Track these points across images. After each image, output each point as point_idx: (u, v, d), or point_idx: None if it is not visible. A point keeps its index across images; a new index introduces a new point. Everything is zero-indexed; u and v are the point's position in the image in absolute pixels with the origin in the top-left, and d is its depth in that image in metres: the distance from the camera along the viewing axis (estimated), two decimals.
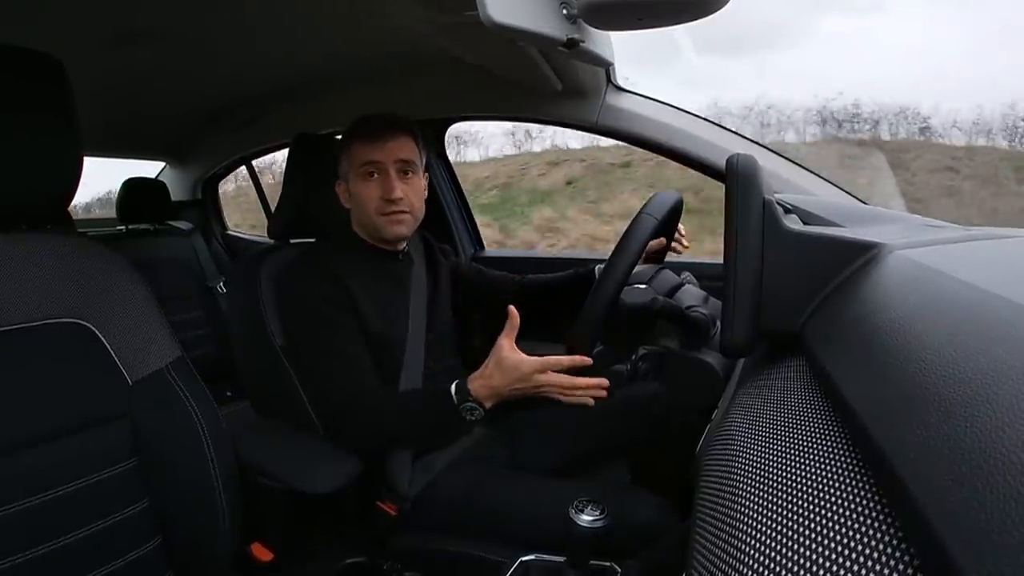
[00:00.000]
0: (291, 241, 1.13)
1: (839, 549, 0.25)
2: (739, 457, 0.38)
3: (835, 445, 0.31)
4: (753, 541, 0.30)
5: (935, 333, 0.29)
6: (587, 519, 0.66)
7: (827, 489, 0.28)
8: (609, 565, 0.75)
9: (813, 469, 0.31)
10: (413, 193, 0.98)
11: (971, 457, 0.20)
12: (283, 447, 0.91)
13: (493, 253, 1.69)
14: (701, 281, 1.00)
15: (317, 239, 1.10)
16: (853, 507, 0.26)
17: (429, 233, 1.18)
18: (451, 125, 1.58)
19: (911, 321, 0.31)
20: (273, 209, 1.21)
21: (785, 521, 0.29)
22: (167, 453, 0.70)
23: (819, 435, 0.33)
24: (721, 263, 0.52)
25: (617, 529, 0.67)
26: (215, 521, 0.72)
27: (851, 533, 0.25)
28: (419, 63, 1.27)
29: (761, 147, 1.13)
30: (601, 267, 0.99)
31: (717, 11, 0.60)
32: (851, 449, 0.30)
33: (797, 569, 0.26)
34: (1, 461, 0.60)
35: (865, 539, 0.24)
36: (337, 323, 0.92)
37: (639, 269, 0.89)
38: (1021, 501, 0.17)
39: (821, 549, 0.25)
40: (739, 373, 0.65)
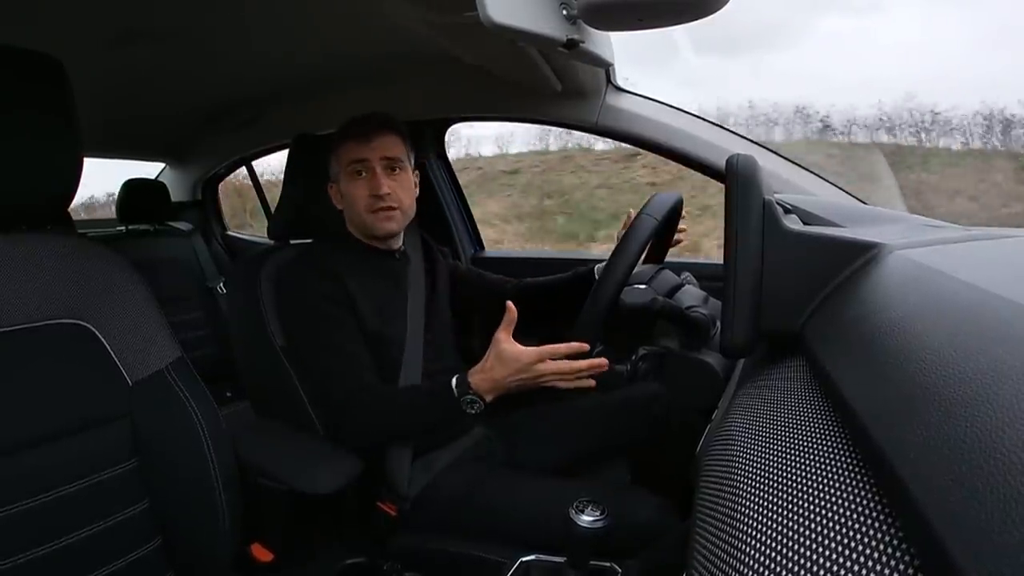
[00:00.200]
0: (291, 242, 1.13)
1: (839, 549, 0.25)
2: (739, 457, 0.38)
3: (835, 445, 0.31)
4: (753, 541, 0.30)
5: (935, 333, 0.29)
6: (587, 519, 0.66)
7: (827, 489, 0.28)
8: (609, 565, 0.75)
9: (813, 469, 0.31)
10: (401, 189, 0.98)
11: (971, 457, 0.20)
12: (283, 447, 0.91)
13: (493, 253, 1.69)
14: (701, 281, 1.00)
15: (315, 239, 1.10)
16: (853, 507, 0.26)
17: (429, 233, 1.18)
18: (451, 125, 1.58)
19: (911, 321, 0.31)
20: (273, 210, 1.21)
21: (785, 521, 0.29)
22: (167, 454, 0.70)
23: (819, 435, 0.33)
24: (721, 263, 0.52)
25: (617, 529, 0.67)
26: (215, 522, 0.72)
27: (851, 533, 0.25)
28: (419, 63, 1.27)
29: (761, 147, 1.13)
30: (601, 267, 0.99)
31: (717, 11, 0.60)
32: (851, 449, 0.30)
33: (797, 569, 0.26)
34: (3, 461, 0.60)
35: (865, 539, 0.24)
36: (336, 320, 0.93)
37: (639, 269, 0.89)
38: (1021, 501, 0.17)
39: (821, 549, 0.25)
40: (739, 373, 0.65)
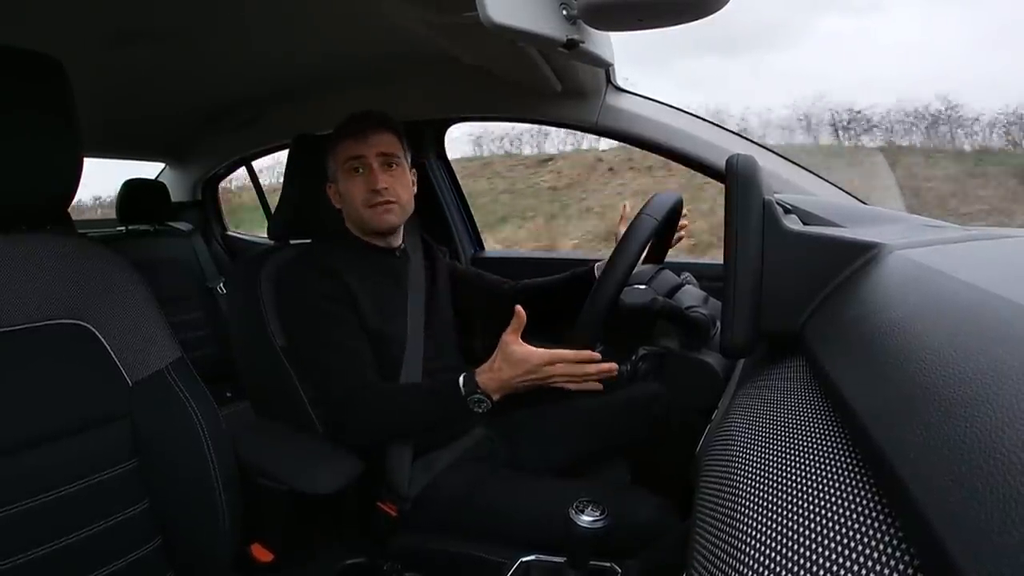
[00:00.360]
0: (291, 242, 1.13)
1: (839, 549, 0.25)
2: (739, 457, 0.38)
3: (835, 445, 0.31)
4: (753, 541, 0.30)
5: (935, 333, 0.29)
6: (587, 519, 0.66)
7: (827, 489, 0.28)
8: (609, 566, 0.75)
9: (813, 469, 0.31)
10: (399, 184, 0.98)
11: (971, 457, 0.20)
12: (283, 448, 0.91)
13: (493, 253, 1.69)
14: (701, 281, 1.00)
15: (314, 238, 1.10)
16: (853, 507, 0.26)
17: (429, 233, 1.18)
18: (451, 125, 1.58)
19: (911, 321, 0.31)
20: (273, 210, 1.21)
21: (785, 521, 0.29)
22: (167, 454, 0.70)
23: (819, 435, 0.33)
24: (721, 263, 0.52)
25: (617, 529, 0.67)
26: (215, 522, 0.72)
27: (851, 533, 0.25)
28: (418, 63, 1.27)
29: (761, 147, 1.13)
30: (601, 265, 0.99)
31: (717, 11, 0.60)
32: (851, 449, 0.30)
33: (797, 569, 0.26)
34: (3, 461, 0.60)
35: (865, 539, 0.24)
36: (337, 318, 0.92)
37: (639, 269, 0.89)
38: (1021, 501, 0.17)
39: (821, 549, 0.25)
40: (739, 373, 0.65)
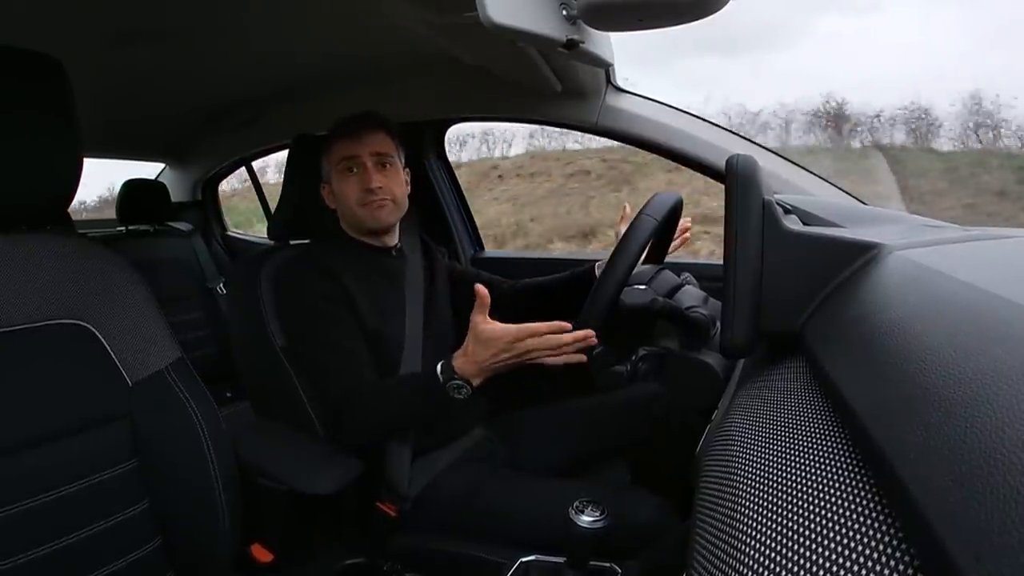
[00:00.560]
0: (291, 242, 1.13)
1: (839, 549, 0.25)
2: (739, 457, 0.38)
3: (835, 445, 0.31)
4: (753, 541, 0.30)
5: (935, 333, 0.29)
6: (587, 520, 0.66)
7: (827, 489, 0.28)
8: (609, 566, 0.75)
9: (813, 469, 0.31)
10: (393, 183, 0.99)
11: (971, 457, 0.20)
12: (283, 448, 0.91)
13: (492, 253, 1.69)
14: (701, 282, 1.00)
15: (313, 239, 1.10)
16: (853, 507, 0.26)
17: (429, 234, 1.18)
18: (451, 126, 1.58)
19: (911, 321, 0.31)
20: (273, 210, 1.21)
21: (785, 521, 0.29)
22: (167, 454, 0.70)
23: (819, 435, 0.33)
24: (721, 263, 0.52)
25: (617, 529, 0.67)
26: (215, 522, 0.72)
27: (851, 533, 0.25)
28: (418, 64, 1.27)
29: (760, 147, 1.13)
30: (602, 265, 0.99)
31: (717, 12, 0.60)
32: (851, 449, 0.30)
33: (797, 569, 0.26)
34: (3, 461, 0.60)
35: (865, 539, 0.24)
36: (335, 318, 0.92)
37: (639, 270, 0.89)
38: (1021, 501, 0.17)
39: (821, 549, 0.25)
40: (739, 374, 0.65)
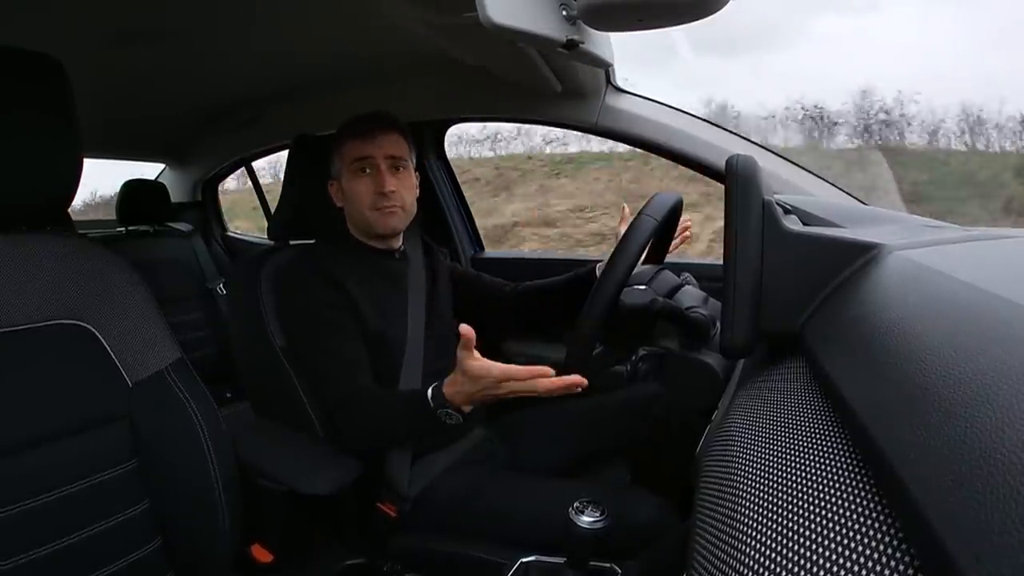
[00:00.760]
0: (291, 242, 1.13)
1: (839, 549, 0.25)
2: (739, 457, 0.38)
3: (835, 445, 0.31)
4: (753, 541, 0.30)
5: (935, 333, 0.29)
6: (587, 520, 0.66)
7: (827, 489, 0.28)
8: (609, 566, 0.75)
9: (813, 469, 0.31)
10: (405, 188, 0.99)
11: (971, 457, 0.20)
12: (283, 448, 0.91)
13: (493, 254, 1.69)
14: (701, 282, 1.00)
15: (318, 238, 1.10)
16: (853, 507, 0.26)
17: (429, 234, 1.18)
18: (451, 126, 1.58)
19: (911, 321, 0.31)
20: (273, 210, 1.21)
21: (785, 521, 0.29)
22: (167, 454, 0.70)
23: (819, 435, 0.33)
24: (721, 264, 0.52)
25: (617, 529, 0.67)
26: (215, 522, 0.72)
27: (851, 533, 0.25)
28: (418, 64, 1.27)
29: (760, 147, 1.13)
30: (602, 266, 0.99)
31: (716, 12, 0.60)
32: (851, 449, 0.30)
33: (797, 569, 0.26)
34: (4, 461, 0.60)
35: (865, 539, 0.24)
36: (335, 324, 0.92)
37: (639, 270, 0.89)
38: (1021, 501, 0.17)
39: (821, 549, 0.25)
40: (739, 374, 0.65)
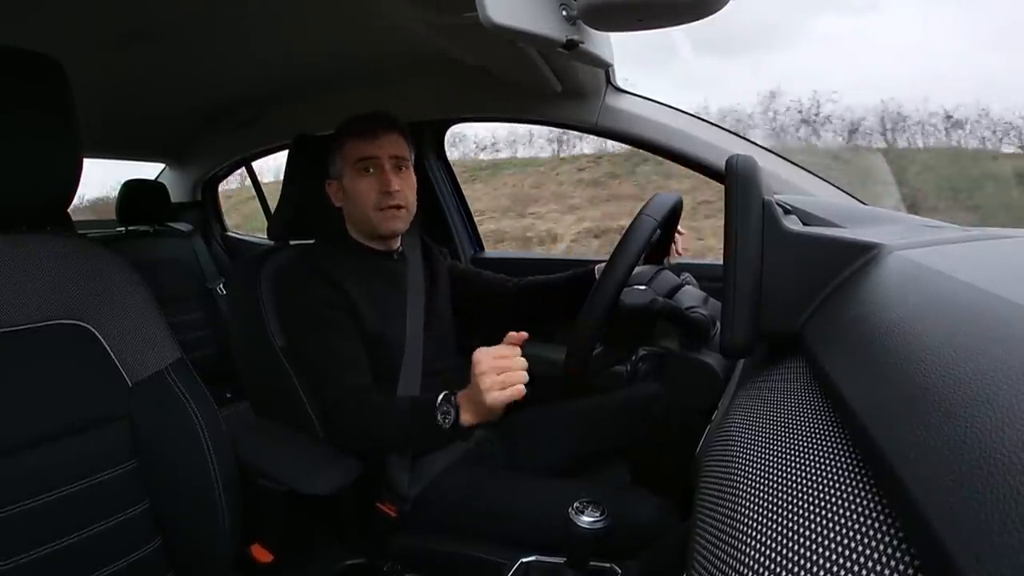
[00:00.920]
0: (291, 242, 1.13)
1: (839, 549, 0.25)
2: (739, 458, 0.38)
3: (835, 445, 0.31)
4: (753, 541, 0.30)
5: (935, 333, 0.29)
6: (587, 520, 0.66)
7: (827, 489, 0.28)
8: (609, 566, 0.75)
9: (813, 469, 0.31)
10: (408, 188, 1.00)
11: (971, 457, 0.20)
12: (283, 448, 0.91)
13: (493, 254, 1.69)
14: (701, 282, 1.00)
15: (317, 239, 1.10)
16: (853, 507, 0.26)
17: (429, 234, 1.18)
18: (451, 126, 1.58)
19: (911, 321, 0.31)
20: (273, 210, 1.21)
21: (785, 521, 0.29)
22: (167, 454, 0.70)
23: (819, 435, 0.33)
24: (721, 264, 0.52)
25: (617, 529, 0.67)
26: (215, 522, 0.72)
27: (851, 533, 0.25)
28: (418, 64, 1.27)
29: (760, 148, 1.13)
30: (601, 267, 0.99)
31: (716, 12, 0.60)
32: (851, 449, 0.30)
33: (797, 569, 0.26)
34: (4, 462, 0.60)
35: (865, 539, 0.24)
36: (334, 325, 0.93)
37: (639, 270, 0.89)
38: (1021, 501, 0.17)
39: (821, 549, 0.25)
40: (739, 374, 0.65)
